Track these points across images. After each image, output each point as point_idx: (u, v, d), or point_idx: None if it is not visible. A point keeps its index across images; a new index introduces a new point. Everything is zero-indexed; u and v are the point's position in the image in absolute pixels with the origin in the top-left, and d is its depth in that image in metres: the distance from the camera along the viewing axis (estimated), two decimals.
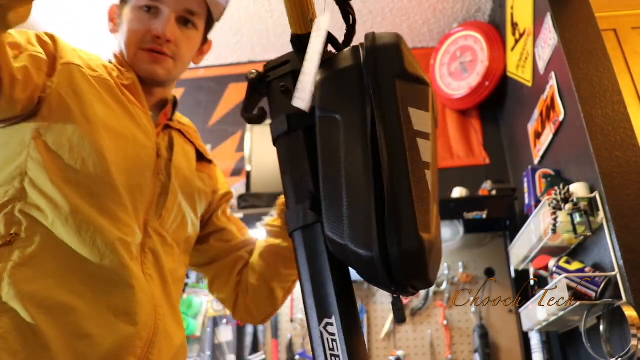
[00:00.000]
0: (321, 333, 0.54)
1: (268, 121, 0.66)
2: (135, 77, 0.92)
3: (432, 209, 0.54)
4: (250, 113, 0.68)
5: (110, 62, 0.95)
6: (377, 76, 0.57)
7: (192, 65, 1.05)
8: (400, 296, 0.55)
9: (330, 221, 0.55)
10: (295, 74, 0.64)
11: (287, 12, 0.63)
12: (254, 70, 0.67)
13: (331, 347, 0.54)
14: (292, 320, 2.41)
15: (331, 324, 0.54)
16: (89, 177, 0.77)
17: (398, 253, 0.51)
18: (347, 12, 0.62)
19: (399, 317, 0.53)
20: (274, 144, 0.65)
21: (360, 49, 0.60)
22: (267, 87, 0.67)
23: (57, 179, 0.75)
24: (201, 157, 1.04)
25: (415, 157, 0.54)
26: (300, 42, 0.64)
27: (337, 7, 0.62)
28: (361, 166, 0.54)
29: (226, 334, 2.39)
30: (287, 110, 0.63)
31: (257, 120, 0.67)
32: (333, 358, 0.53)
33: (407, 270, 0.51)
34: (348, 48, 0.61)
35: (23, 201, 0.74)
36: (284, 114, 0.63)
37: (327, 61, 0.61)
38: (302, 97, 0.59)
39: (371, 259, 0.51)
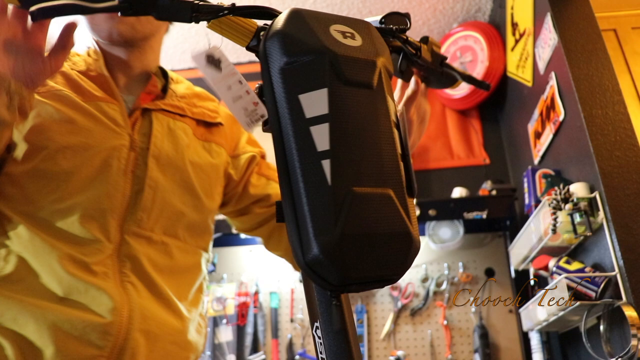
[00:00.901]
0: (314, 336, 0.55)
1: None
2: (102, 63, 0.88)
3: (335, 200, 0.49)
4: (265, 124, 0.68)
5: (88, 49, 0.91)
6: (269, 72, 0.54)
7: (192, 65, 1.04)
8: (338, 303, 0.52)
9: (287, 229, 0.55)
10: None
11: (226, 37, 0.62)
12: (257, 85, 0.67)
13: (320, 349, 0.54)
14: (292, 320, 2.41)
15: (318, 327, 0.54)
16: (43, 208, 0.78)
17: (304, 263, 0.49)
18: (268, 14, 0.61)
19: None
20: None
21: None
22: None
23: (17, 212, 0.77)
24: (208, 124, 0.96)
25: (304, 152, 0.50)
26: (252, 51, 0.63)
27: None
28: (280, 171, 0.53)
29: (226, 334, 2.39)
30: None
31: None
32: None
33: (320, 277, 0.49)
34: None
35: (4, 235, 0.77)
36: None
37: None
38: None
39: (300, 265, 0.51)
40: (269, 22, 0.59)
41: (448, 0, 2.68)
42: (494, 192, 2.31)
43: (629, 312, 1.33)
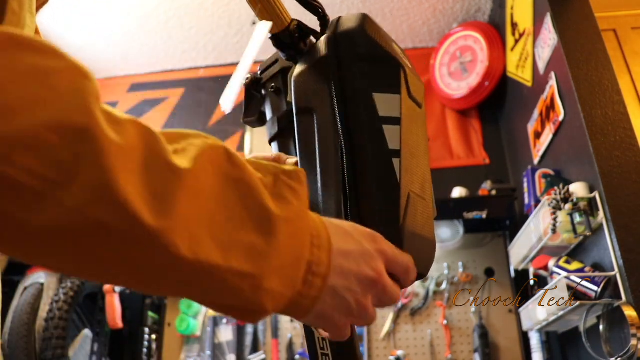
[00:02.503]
0: (313, 331, 0.55)
1: None
2: None
3: (402, 197, 0.52)
4: (250, 117, 0.68)
5: None
6: (339, 65, 0.56)
7: (192, 65, 1.03)
8: None
9: None
10: (284, 72, 0.64)
11: (259, 16, 0.62)
12: (248, 75, 0.67)
13: (322, 346, 0.54)
14: (292, 320, 2.41)
15: None
16: None
17: None
18: (311, 5, 0.61)
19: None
20: (270, 145, 0.66)
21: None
22: (262, 88, 0.67)
23: None
24: None
25: (377, 147, 0.53)
26: (277, 40, 0.64)
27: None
28: (333, 161, 0.54)
29: (226, 333, 2.39)
30: (278, 110, 0.64)
31: (258, 123, 0.67)
32: (324, 357, 0.53)
33: None
34: (321, 39, 0.59)
35: None
36: (276, 115, 0.64)
37: (304, 54, 0.61)
38: (225, 100, 0.59)
39: None
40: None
41: (448, 0, 2.68)
42: (493, 192, 2.32)
43: (629, 311, 1.33)
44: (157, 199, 0.31)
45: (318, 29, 0.63)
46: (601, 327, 1.48)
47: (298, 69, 0.59)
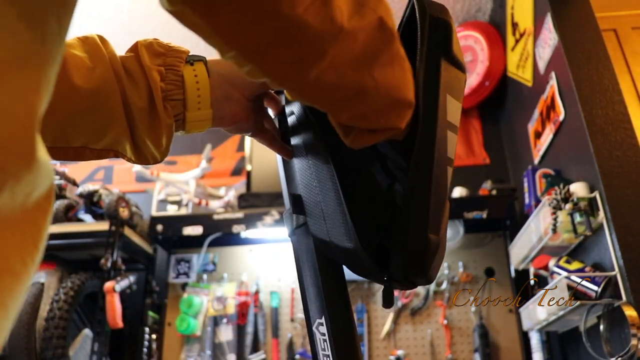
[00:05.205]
0: (314, 333, 0.55)
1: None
2: None
3: (446, 207, 0.52)
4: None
5: None
6: (427, 50, 0.51)
7: None
8: (393, 286, 0.54)
9: (312, 221, 0.56)
10: None
11: None
12: None
13: (323, 347, 0.54)
14: (292, 320, 2.41)
15: (322, 324, 0.54)
16: None
17: (400, 252, 0.50)
18: None
19: (387, 301, 0.52)
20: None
21: None
22: None
23: None
24: None
25: (441, 152, 0.51)
26: None
27: None
28: (325, 160, 0.55)
29: (226, 333, 2.39)
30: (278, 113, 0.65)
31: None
32: (325, 358, 0.53)
33: (406, 268, 0.51)
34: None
35: None
36: (276, 117, 0.65)
37: None
38: None
39: (353, 249, 0.51)
40: None
41: (448, 1, 2.68)
42: (494, 192, 2.32)
43: (629, 311, 1.33)
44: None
45: None
46: (601, 327, 1.48)
47: None
